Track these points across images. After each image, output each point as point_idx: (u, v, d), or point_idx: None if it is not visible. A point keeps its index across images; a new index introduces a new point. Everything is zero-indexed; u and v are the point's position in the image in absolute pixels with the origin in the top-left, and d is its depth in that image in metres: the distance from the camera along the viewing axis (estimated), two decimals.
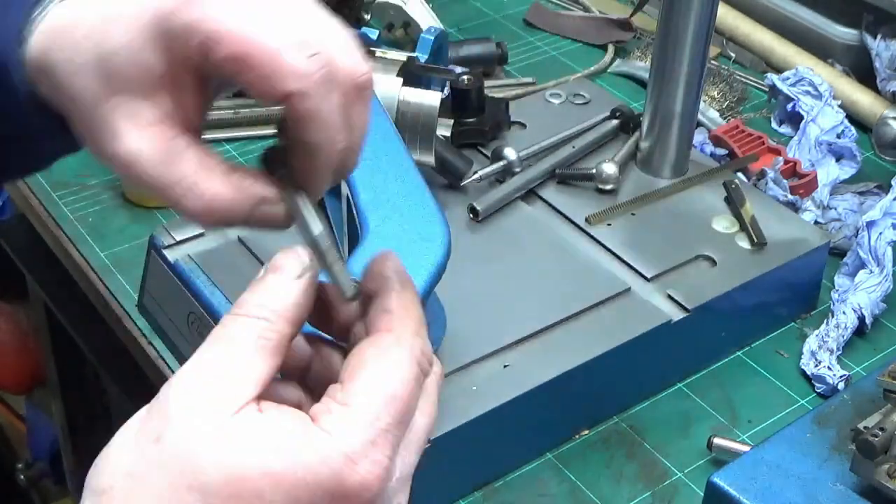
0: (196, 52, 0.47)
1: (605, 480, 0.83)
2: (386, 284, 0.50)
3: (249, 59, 0.47)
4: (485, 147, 1.03)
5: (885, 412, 0.71)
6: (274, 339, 0.47)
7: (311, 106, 0.49)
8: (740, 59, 1.33)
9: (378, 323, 0.49)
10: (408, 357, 0.47)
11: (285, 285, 0.49)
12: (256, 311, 0.47)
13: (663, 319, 0.86)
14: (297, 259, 0.50)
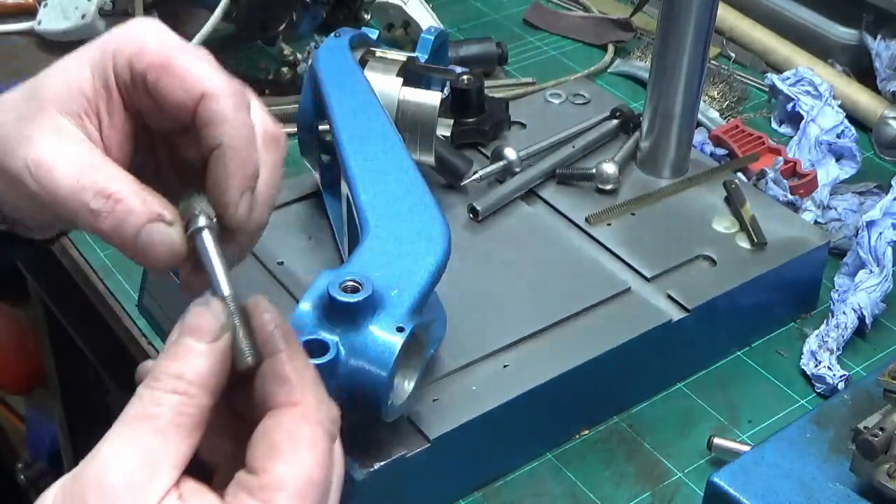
0: (124, 67, 0.52)
1: (605, 480, 0.83)
2: (272, 344, 0.49)
3: (170, 65, 0.51)
4: (485, 147, 1.03)
5: (885, 412, 0.71)
6: (194, 415, 0.46)
7: (221, 108, 0.51)
8: (740, 59, 1.33)
9: (278, 394, 0.48)
10: (320, 434, 0.47)
11: (202, 351, 0.47)
12: (174, 385, 0.46)
13: (663, 319, 0.86)
14: (213, 318, 0.48)
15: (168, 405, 0.45)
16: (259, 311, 0.50)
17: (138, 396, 0.46)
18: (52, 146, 0.52)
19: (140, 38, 0.52)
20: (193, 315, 0.48)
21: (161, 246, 0.51)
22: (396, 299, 0.69)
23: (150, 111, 0.54)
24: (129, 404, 0.46)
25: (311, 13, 1.30)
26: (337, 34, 0.94)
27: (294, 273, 0.88)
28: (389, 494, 0.75)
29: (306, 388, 0.48)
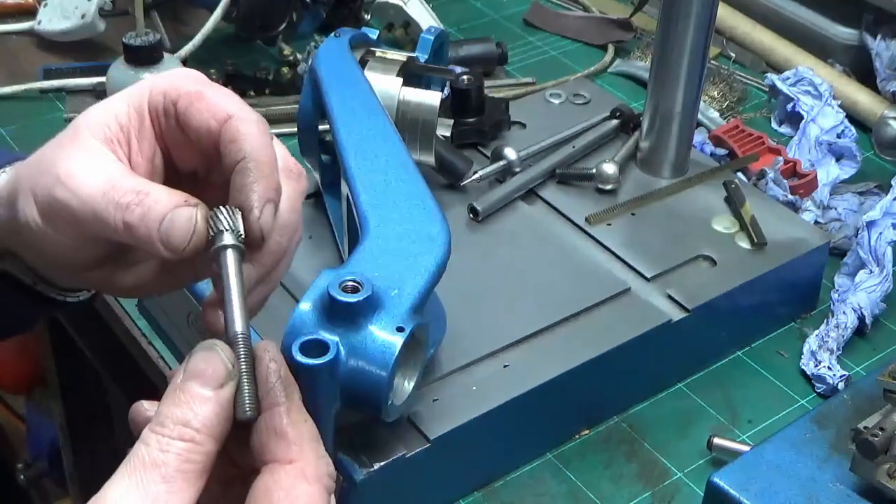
0: (158, 96, 0.56)
1: (605, 480, 0.83)
2: (272, 397, 0.49)
3: (201, 94, 0.55)
4: (485, 147, 1.03)
5: (885, 412, 0.71)
6: (200, 462, 0.46)
7: (245, 127, 0.54)
8: (740, 59, 1.33)
9: (275, 450, 0.48)
10: (318, 491, 0.48)
11: (208, 398, 0.47)
12: (180, 432, 0.46)
13: (663, 319, 0.86)
14: (220, 365, 0.49)
15: (175, 452, 0.46)
16: (265, 358, 0.50)
17: (144, 441, 0.46)
18: (82, 160, 0.54)
19: (178, 75, 0.57)
20: (199, 360, 0.49)
21: (184, 228, 0.52)
22: (396, 299, 0.69)
23: (177, 144, 0.57)
24: (135, 447, 0.46)
25: (311, 13, 1.30)
26: (337, 34, 0.94)
27: (294, 273, 0.88)
28: (389, 494, 0.75)
29: (304, 444, 0.49)
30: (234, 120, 0.54)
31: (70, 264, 0.58)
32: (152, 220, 0.52)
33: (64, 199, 0.54)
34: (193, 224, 0.52)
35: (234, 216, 0.53)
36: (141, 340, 0.94)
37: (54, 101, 1.23)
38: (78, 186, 0.54)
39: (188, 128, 0.55)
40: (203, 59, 1.26)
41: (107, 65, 1.05)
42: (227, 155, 0.54)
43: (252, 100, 1.21)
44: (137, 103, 0.56)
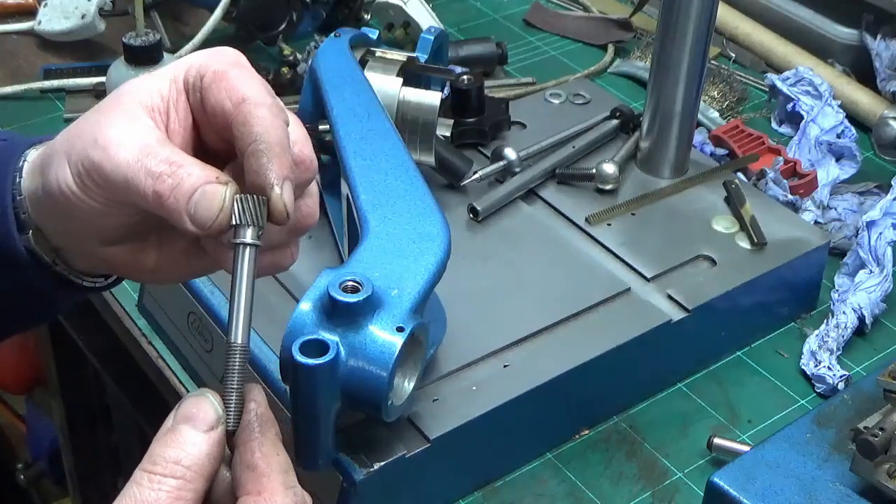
0: (193, 72, 0.57)
1: (605, 480, 0.83)
2: (247, 433, 0.51)
3: (225, 74, 0.56)
4: (485, 147, 1.03)
5: (885, 412, 0.71)
6: (190, 499, 0.48)
7: (257, 111, 0.54)
8: (740, 59, 1.33)
9: (246, 483, 0.50)
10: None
11: (198, 439, 0.50)
12: (172, 470, 0.48)
13: (663, 319, 0.86)
14: (210, 408, 0.51)
15: (166, 490, 0.48)
16: (248, 398, 0.52)
17: (136, 482, 0.48)
18: (121, 126, 0.55)
19: (215, 52, 0.57)
20: (190, 405, 0.51)
21: (213, 204, 0.53)
22: (396, 299, 0.69)
23: (205, 121, 0.57)
24: (127, 486, 0.48)
25: (311, 13, 1.30)
26: (337, 34, 0.94)
27: (294, 273, 0.88)
28: (389, 494, 0.75)
29: (273, 476, 0.51)
30: (246, 103, 0.55)
31: (96, 234, 0.59)
32: (183, 192, 0.53)
33: (98, 162, 0.54)
34: (221, 202, 0.53)
35: (260, 207, 0.53)
36: (141, 340, 0.94)
37: (54, 101, 1.23)
38: (114, 150, 0.54)
39: (207, 105, 0.56)
40: None
41: (107, 65, 1.05)
42: (240, 137, 0.55)
43: None
44: (176, 75, 0.57)
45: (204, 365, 0.87)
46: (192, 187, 0.53)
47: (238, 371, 0.51)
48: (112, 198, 0.56)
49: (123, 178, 0.54)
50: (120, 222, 0.58)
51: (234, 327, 0.51)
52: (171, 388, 0.90)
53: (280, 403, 0.78)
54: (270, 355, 0.80)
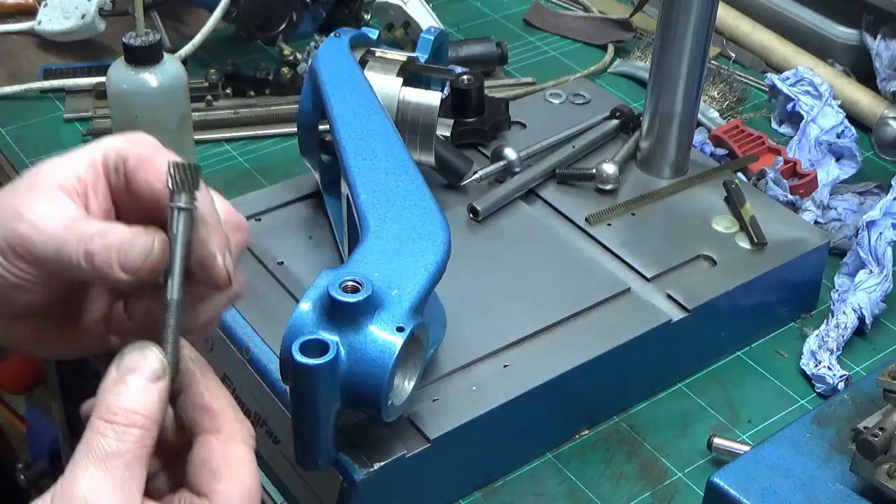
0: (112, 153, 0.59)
1: (605, 480, 0.83)
2: (187, 375, 0.55)
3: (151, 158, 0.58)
4: (485, 147, 1.03)
5: (885, 412, 0.71)
6: (149, 446, 0.52)
7: None
8: (740, 59, 1.33)
9: (202, 423, 0.55)
10: (246, 451, 0.55)
11: (151, 388, 0.53)
12: (133, 420, 0.52)
13: (663, 319, 0.86)
14: (155, 359, 0.54)
15: (132, 440, 0.51)
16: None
17: (100, 433, 0.51)
18: (43, 203, 0.57)
19: (133, 137, 0.60)
20: (135, 357, 0.54)
21: (143, 248, 0.55)
22: (396, 299, 0.69)
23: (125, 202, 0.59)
24: (90, 438, 0.51)
25: (311, 13, 1.30)
26: (337, 34, 0.94)
27: (294, 273, 0.88)
28: (389, 494, 0.75)
29: (227, 413, 0.55)
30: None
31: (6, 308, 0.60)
32: (113, 244, 0.55)
33: (26, 235, 0.56)
34: (151, 244, 0.55)
35: (192, 174, 0.56)
36: None
37: (54, 101, 1.23)
38: (42, 223, 0.56)
39: (135, 186, 0.58)
40: (203, 59, 1.27)
41: (107, 65, 1.04)
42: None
43: (252, 100, 1.21)
44: (94, 159, 0.59)
45: None
46: (121, 239, 0.55)
47: (175, 325, 0.54)
48: (37, 272, 0.57)
49: (55, 248, 0.55)
50: (36, 298, 0.59)
51: (170, 285, 0.55)
52: None
53: (280, 403, 0.79)
54: (270, 355, 0.80)
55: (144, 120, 1.03)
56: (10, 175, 1.14)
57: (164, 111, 1.04)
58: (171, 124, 1.05)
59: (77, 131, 1.19)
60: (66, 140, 1.18)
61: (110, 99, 1.05)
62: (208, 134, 1.18)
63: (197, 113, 1.17)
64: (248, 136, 1.19)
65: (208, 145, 1.17)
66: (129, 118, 1.03)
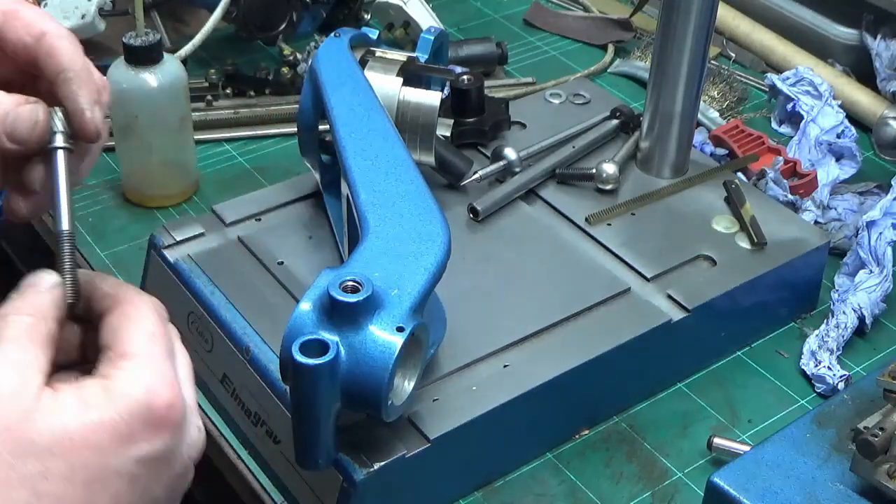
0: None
1: (605, 480, 0.83)
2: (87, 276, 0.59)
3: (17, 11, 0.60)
4: (485, 147, 1.03)
5: (885, 412, 0.71)
6: (43, 332, 0.53)
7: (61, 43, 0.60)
8: (740, 59, 1.33)
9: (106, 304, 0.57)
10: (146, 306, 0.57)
11: (42, 293, 0.56)
12: (26, 309, 0.54)
13: (663, 319, 0.86)
14: (49, 276, 0.57)
15: (21, 328, 0.53)
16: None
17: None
18: None
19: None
20: (30, 277, 0.57)
21: (29, 120, 0.58)
22: (396, 299, 0.69)
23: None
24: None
25: (311, 13, 1.30)
26: (337, 34, 0.94)
27: (294, 273, 0.88)
28: (389, 494, 0.75)
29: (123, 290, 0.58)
30: (48, 36, 0.59)
31: None
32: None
33: None
34: (36, 116, 0.58)
35: (65, 119, 0.59)
36: None
37: None
38: None
39: (5, 43, 0.60)
40: (203, 59, 1.27)
41: (107, 65, 1.04)
42: (47, 68, 0.59)
43: (252, 100, 1.21)
44: None
45: (204, 365, 0.87)
46: (5, 110, 0.57)
47: (68, 254, 0.58)
48: None
49: None
50: None
51: (59, 217, 0.58)
52: None
53: (280, 403, 0.79)
54: (270, 355, 0.80)
55: (144, 120, 1.03)
56: None
57: (164, 111, 1.04)
58: (171, 124, 1.05)
59: None
60: None
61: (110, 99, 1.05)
62: (208, 134, 1.18)
63: (197, 113, 1.17)
64: (248, 136, 1.19)
65: (208, 145, 1.17)
66: (130, 118, 1.04)
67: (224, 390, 0.85)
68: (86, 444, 0.50)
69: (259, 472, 0.82)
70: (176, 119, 1.05)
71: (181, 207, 1.09)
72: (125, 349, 0.54)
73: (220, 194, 1.09)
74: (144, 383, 0.53)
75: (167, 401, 0.53)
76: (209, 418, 0.86)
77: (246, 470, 0.83)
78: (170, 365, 0.55)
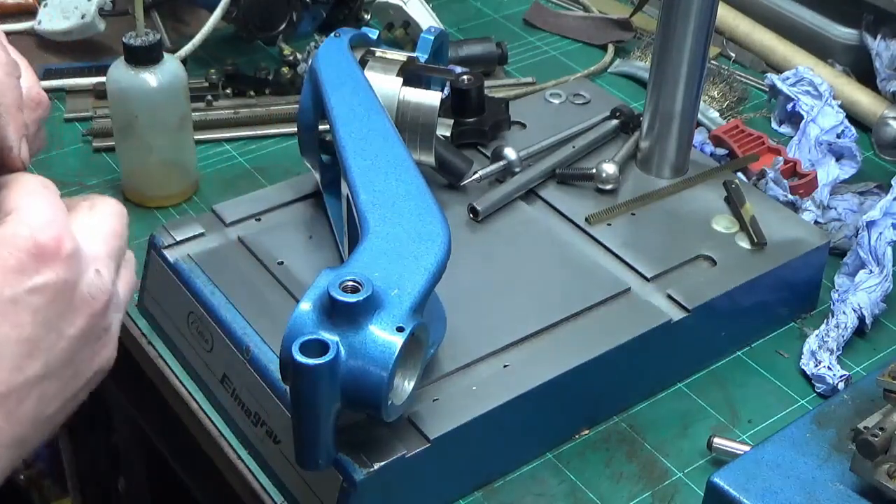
0: None
1: (605, 480, 0.83)
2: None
3: None
4: (485, 147, 1.03)
5: (885, 412, 0.71)
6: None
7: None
8: (740, 59, 1.33)
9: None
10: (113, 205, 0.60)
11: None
12: None
13: (663, 319, 0.86)
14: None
15: None
16: None
17: None
18: None
19: None
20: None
21: None
22: (396, 299, 0.69)
23: None
24: None
25: (311, 13, 1.30)
26: (337, 34, 0.94)
27: (294, 273, 0.88)
28: (389, 494, 0.75)
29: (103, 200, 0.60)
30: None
31: None
32: None
33: None
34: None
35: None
36: (141, 340, 0.94)
37: (54, 101, 1.23)
38: None
39: None
40: (203, 59, 1.27)
41: (107, 65, 1.05)
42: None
43: (252, 100, 1.21)
44: None
45: (204, 365, 0.87)
46: None
47: None
48: None
49: None
50: None
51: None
52: (171, 388, 0.90)
53: (280, 403, 0.79)
54: (270, 355, 0.80)
55: (144, 120, 1.03)
56: None
57: (164, 111, 1.04)
58: (171, 124, 1.05)
59: (77, 131, 1.19)
60: (67, 140, 1.18)
61: (110, 99, 1.05)
62: (208, 134, 1.18)
63: (197, 113, 1.17)
64: (248, 136, 1.19)
65: (208, 145, 1.17)
66: (129, 118, 1.04)
67: (224, 390, 0.85)
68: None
69: (259, 472, 0.82)
70: (176, 119, 1.05)
71: (181, 207, 1.09)
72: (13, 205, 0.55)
73: (220, 194, 1.09)
74: (28, 223, 0.54)
75: (53, 236, 0.54)
76: (209, 418, 0.86)
77: (246, 470, 0.83)
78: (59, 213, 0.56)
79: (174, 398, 0.91)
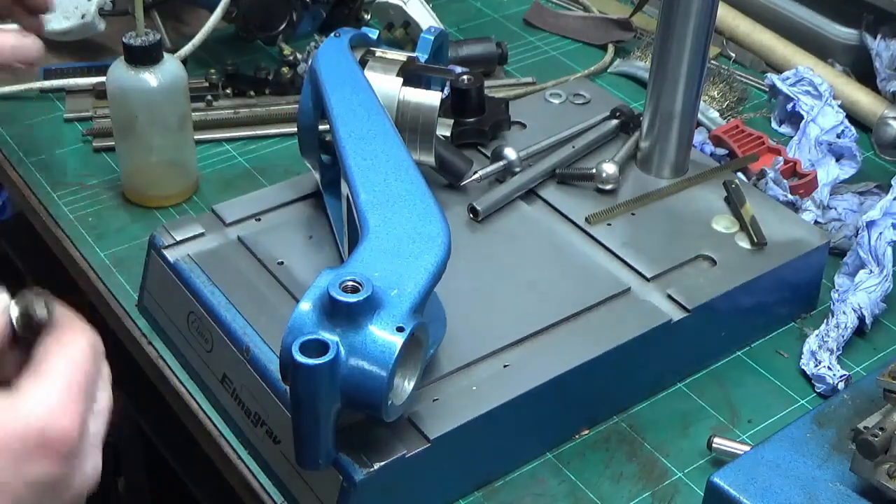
0: None
1: (605, 480, 0.83)
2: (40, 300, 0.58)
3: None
4: (485, 147, 1.03)
5: (885, 412, 0.71)
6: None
7: None
8: (740, 59, 1.33)
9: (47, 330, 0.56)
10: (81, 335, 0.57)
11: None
12: None
13: (663, 319, 0.86)
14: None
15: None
16: None
17: None
18: None
19: None
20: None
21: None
22: (396, 299, 0.69)
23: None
24: None
25: (311, 13, 1.30)
26: (337, 34, 0.94)
27: (294, 273, 0.88)
28: (389, 494, 0.75)
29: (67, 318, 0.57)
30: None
31: None
32: None
33: None
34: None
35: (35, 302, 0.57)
36: (141, 340, 0.94)
37: (54, 101, 1.23)
38: None
39: None
40: (203, 59, 1.27)
41: (107, 65, 1.05)
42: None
43: (252, 100, 1.21)
44: None
45: (204, 365, 0.87)
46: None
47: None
48: None
49: None
50: None
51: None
52: (171, 388, 0.90)
53: (280, 403, 0.79)
54: (270, 355, 0.80)
55: (144, 120, 1.03)
56: (10, 175, 1.14)
57: (164, 111, 1.04)
58: (171, 124, 1.05)
59: (77, 131, 1.19)
60: (67, 140, 1.18)
61: (110, 99, 1.05)
62: (208, 134, 1.18)
63: (197, 113, 1.17)
64: (248, 136, 1.19)
65: (208, 145, 1.17)
66: (129, 118, 1.04)
67: (224, 390, 0.85)
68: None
69: (259, 472, 0.82)
70: (176, 119, 1.05)
71: (181, 207, 1.09)
72: (42, 367, 0.54)
73: (220, 194, 1.09)
74: (48, 403, 0.53)
75: (65, 427, 0.53)
76: (209, 418, 0.86)
77: (246, 470, 0.83)
78: (80, 393, 0.55)
79: (174, 398, 0.91)
